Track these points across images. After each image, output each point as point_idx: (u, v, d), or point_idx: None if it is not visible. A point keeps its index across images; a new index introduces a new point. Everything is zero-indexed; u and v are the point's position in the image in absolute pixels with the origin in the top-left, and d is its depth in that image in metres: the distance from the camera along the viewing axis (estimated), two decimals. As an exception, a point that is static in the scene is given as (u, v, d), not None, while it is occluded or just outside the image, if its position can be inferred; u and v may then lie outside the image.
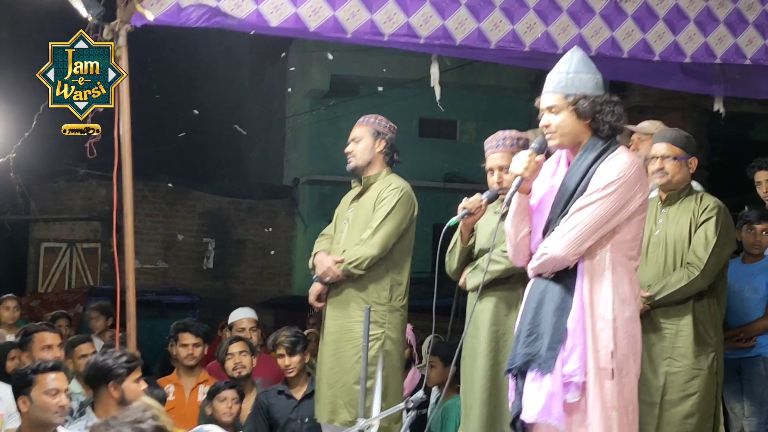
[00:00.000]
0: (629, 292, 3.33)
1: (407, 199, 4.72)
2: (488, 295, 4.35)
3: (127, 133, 4.82)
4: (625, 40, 5.56)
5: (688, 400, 4.23)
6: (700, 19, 5.65)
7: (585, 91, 3.33)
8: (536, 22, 5.41)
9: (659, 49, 5.62)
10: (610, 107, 3.35)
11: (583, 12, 5.51)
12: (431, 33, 5.30)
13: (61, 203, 14.60)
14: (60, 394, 4.02)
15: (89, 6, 4.80)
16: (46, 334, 5.10)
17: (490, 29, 5.38)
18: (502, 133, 4.41)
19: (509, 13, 5.41)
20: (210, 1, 4.99)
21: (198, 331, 5.75)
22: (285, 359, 5.38)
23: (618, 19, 5.55)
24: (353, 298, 4.66)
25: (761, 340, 4.93)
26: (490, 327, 4.32)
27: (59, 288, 13.75)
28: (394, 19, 5.24)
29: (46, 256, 14.54)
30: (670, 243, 4.34)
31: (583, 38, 5.48)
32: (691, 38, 5.65)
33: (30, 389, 3.99)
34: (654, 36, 5.61)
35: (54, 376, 4.03)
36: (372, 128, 4.82)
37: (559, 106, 3.36)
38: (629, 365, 3.30)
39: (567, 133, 3.37)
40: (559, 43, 5.45)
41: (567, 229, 3.27)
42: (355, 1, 5.19)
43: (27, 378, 4.02)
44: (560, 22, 5.46)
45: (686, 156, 4.41)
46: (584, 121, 3.35)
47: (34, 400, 3.98)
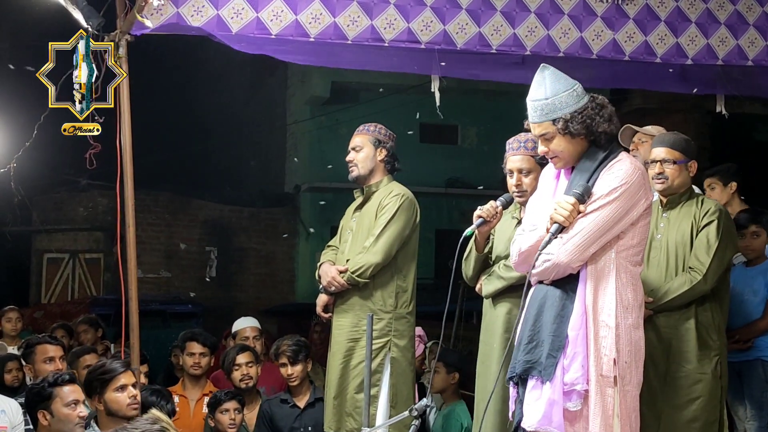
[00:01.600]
0: (633, 299, 3.31)
1: (409, 205, 4.72)
2: (502, 301, 4.33)
3: (129, 143, 4.82)
4: (626, 43, 5.55)
5: (692, 404, 4.20)
6: (701, 21, 5.65)
7: (569, 111, 3.31)
8: (537, 26, 5.42)
9: (661, 52, 5.62)
10: (599, 114, 3.33)
11: (585, 15, 5.51)
12: (432, 38, 5.30)
13: (63, 213, 14.61)
14: (79, 405, 4.06)
15: (89, 17, 4.80)
16: (48, 346, 5.09)
17: (491, 33, 5.38)
18: (524, 135, 4.30)
19: (510, 17, 5.41)
20: (210, 11, 5.00)
21: (206, 340, 5.74)
22: (287, 368, 5.37)
23: (620, 22, 5.55)
24: (359, 307, 4.65)
25: (760, 343, 4.91)
26: (503, 334, 4.30)
27: (62, 299, 13.75)
28: (394, 25, 5.25)
29: (49, 266, 14.55)
30: (671, 247, 4.32)
31: (585, 41, 5.48)
32: (693, 40, 5.65)
33: (50, 403, 4.02)
34: (656, 38, 5.61)
35: (71, 388, 4.07)
36: (372, 137, 4.83)
37: (550, 133, 3.36)
38: (632, 373, 3.28)
39: (568, 155, 3.38)
40: (560, 46, 5.45)
41: (570, 236, 3.26)
42: (355, 7, 5.19)
43: (45, 392, 4.04)
44: (561, 26, 5.46)
45: (686, 160, 4.40)
46: (580, 138, 3.35)
47: (56, 413, 4.01)
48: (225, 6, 5.02)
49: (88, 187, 14.11)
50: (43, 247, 14.57)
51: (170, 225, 14.38)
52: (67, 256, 14.42)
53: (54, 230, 14.42)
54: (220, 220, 14.64)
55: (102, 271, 14.16)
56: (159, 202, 14.30)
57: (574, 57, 5.44)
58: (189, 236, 14.48)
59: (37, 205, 13.64)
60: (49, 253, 14.53)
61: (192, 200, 14.62)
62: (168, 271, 14.20)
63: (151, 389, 5.18)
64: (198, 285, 14.32)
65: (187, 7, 4.97)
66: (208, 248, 14.52)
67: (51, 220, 14.33)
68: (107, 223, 13.66)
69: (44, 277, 14.50)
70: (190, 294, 13.53)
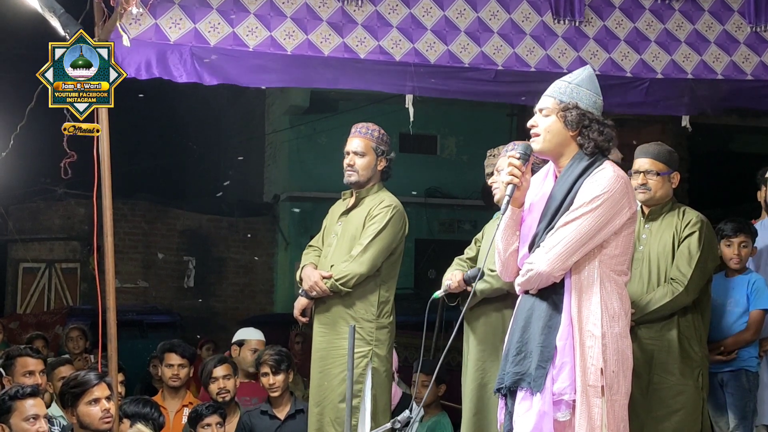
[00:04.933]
0: (619, 308, 3.30)
1: (399, 217, 4.67)
2: (477, 314, 4.34)
3: (106, 152, 4.78)
4: (592, 59, 5.63)
5: (674, 416, 4.21)
6: (660, 40, 5.76)
7: (579, 104, 3.34)
8: (503, 45, 5.50)
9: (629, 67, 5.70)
10: (599, 127, 3.34)
11: (546, 35, 5.60)
12: (404, 54, 5.40)
13: (39, 223, 14.48)
14: (39, 420, 3.98)
15: (66, 24, 4.77)
16: (29, 359, 5.03)
17: (460, 51, 5.46)
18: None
19: (475, 37, 5.48)
20: (187, 24, 5.03)
21: (185, 352, 5.70)
22: (269, 378, 5.33)
23: (581, 41, 5.64)
24: (341, 315, 4.62)
25: (743, 354, 4.92)
26: (477, 346, 4.31)
27: (38, 309, 13.61)
28: (365, 42, 5.35)
29: (25, 276, 14.40)
30: (653, 258, 4.33)
31: (551, 58, 5.55)
32: (656, 56, 5.75)
33: (8, 416, 3.95)
34: (619, 55, 5.69)
35: (32, 402, 3.99)
36: (374, 143, 4.71)
37: (550, 108, 3.37)
38: (619, 382, 3.27)
39: (550, 139, 3.36)
40: (529, 62, 5.52)
41: (552, 245, 3.25)
42: (326, 27, 5.26)
43: (4, 405, 3.97)
44: (526, 44, 5.54)
45: (669, 171, 4.42)
46: (570, 131, 3.35)
47: (14, 428, 3.94)
48: (202, 20, 5.11)
49: (65, 196, 14.00)
50: (19, 257, 14.42)
51: (148, 234, 14.27)
52: (44, 265, 14.29)
53: (30, 240, 14.27)
54: (199, 230, 14.56)
55: (79, 281, 14.03)
56: (136, 212, 14.19)
57: (545, 72, 5.49)
58: (167, 246, 14.38)
59: (12, 214, 13.51)
60: (25, 263, 14.38)
61: (170, 210, 14.53)
62: (145, 281, 14.10)
63: (144, 400, 5.12)
64: (176, 295, 14.23)
65: (165, 19, 5.05)
66: (186, 258, 14.43)
67: (27, 230, 14.19)
68: (84, 232, 13.55)
69: (20, 287, 14.35)
70: (168, 304, 13.44)
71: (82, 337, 7.82)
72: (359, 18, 5.32)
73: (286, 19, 5.22)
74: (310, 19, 5.25)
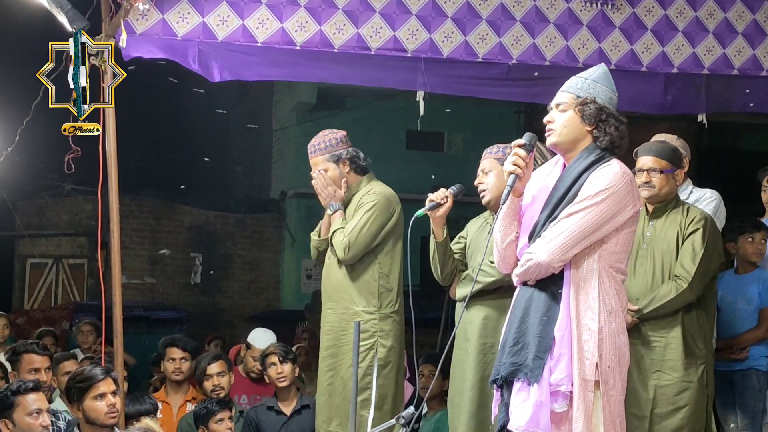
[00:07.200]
0: (616, 304, 3.29)
1: (386, 202, 4.64)
2: (477, 306, 4.34)
3: (113, 148, 4.78)
4: (612, 52, 5.57)
5: (678, 413, 4.20)
6: (688, 30, 5.67)
7: (596, 98, 3.34)
8: (523, 35, 5.43)
9: (647, 60, 5.64)
10: (616, 122, 3.35)
11: (570, 24, 5.53)
12: (418, 46, 5.32)
13: (46, 219, 14.51)
14: (42, 414, 4.00)
15: (74, 20, 4.76)
16: (35, 356, 5.03)
17: (477, 42, 5.39)
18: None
19: (495, 26, 5.43)
20: (195, 18, 5.00)
21: (186, 345, 5.71)
22: (277, 367, 5.32)
23: (606, 31, 5.57)
24: (345, 309, 4.60)
25: (754, 353, 4.91)
26: (478, 339, 4.31)
27: (45, 304, 13.65)
28: (380, 33, 5.26)
29: (32, 272, 14.44)
30: (657, 256, 4.32)
31: (571, 50, 5.50)
32: (678, 49, 5.67)
33: (11, 412, 3.96)
34: (641, 47, 5.62)
35: (35, 396, 4.01)
36: (328, 154, 4.69)
37: (567, 103, 3.37)
38: (615, 378, 3.26)
39: (567, 133, 3.35)
40: (546, 54, 5.47)
41: (554, 236, 3.24)
42: (341, 16, 5.20)
43: (7, 400, 3.98)
44: (547, 34, 5.49)
45: (673, 169, 4.41)
46: (587, 126, 3.34)
47: (18, 423, 3.95)
48: (210, 14, 5.05)
49: (72, 192, 14.04)
50: (26, 253, 14.46)
51: (155, 231, 14.29)
52: (51, 261, 14.32)
53: (37, 235, 14.31)
54: (206, 226, 14.57)
55: (86, 277, 14.06)
56: (143, 208, 14.21)
57: (560, 66, 5.46)
58: (174, 242, 14.40)
59: (20, 210, 13.54)
60: (32, 259, 14.42)
61: (177, 206, 14.55)
62: (152, 277, 14.12)
63: (135, 396, 5.12)
64: (182, 291, 14.25)
65: (173, 13, 5.00)
66: (192, 254, 14.45)
67: (34, 225, 14.22)
68: (91, 228, 13.56)
69: (27, 283, 14.39)
70: (174, 300, 13.46)
71: (93, 332, 7.87)
72: (377, 5, 5.25)
73: (299, 8, 5.13)
74: (325, 8, 5.17)
